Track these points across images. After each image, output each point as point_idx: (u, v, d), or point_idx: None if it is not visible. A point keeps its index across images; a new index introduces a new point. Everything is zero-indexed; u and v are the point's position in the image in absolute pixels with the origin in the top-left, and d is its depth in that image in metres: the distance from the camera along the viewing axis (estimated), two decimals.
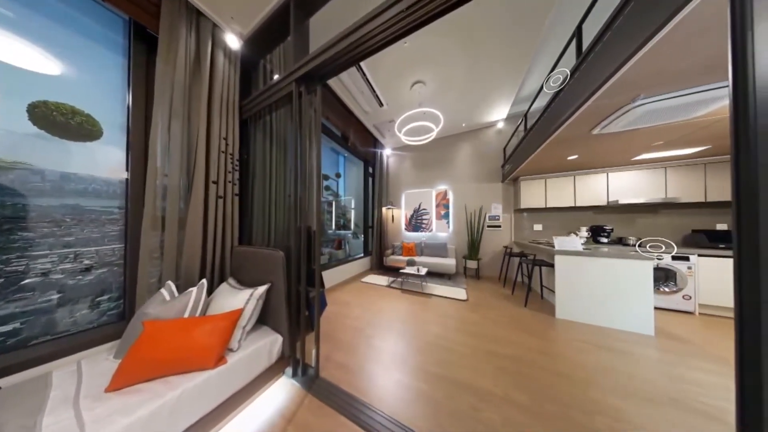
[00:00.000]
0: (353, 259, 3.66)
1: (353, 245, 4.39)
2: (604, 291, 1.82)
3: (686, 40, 0.91)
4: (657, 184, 2.52)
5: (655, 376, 1.23)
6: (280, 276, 1.14)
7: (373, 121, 3.57)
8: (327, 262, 3.25)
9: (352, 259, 3.66)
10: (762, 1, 0.39)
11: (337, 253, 3.79)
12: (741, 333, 0.41)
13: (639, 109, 1.39)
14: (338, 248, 3.88)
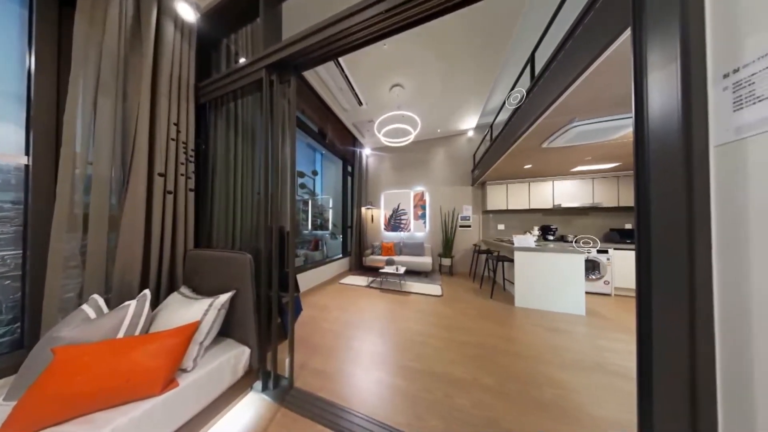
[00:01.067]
0: (331, 260, 3.54)
1: (331, 246, 4.23)
2: (550, 281, 2.15)
3: (606, 79, 1.16)
4: (587, 192, 3.14)
5: (586, 347, 1.51)
6: (247, 281, 1.02)
7: (352, 119, 3.50)
8: (302, 264, 3.06)
9: (330, 260, 3.53)
10: (653, 55, 0.51)
11: (313, 254, 3.61)
12: (639, 308, 0.52)
13: (574, 130, 1.70)
14: (315, 249, 3.69)
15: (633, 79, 0.55)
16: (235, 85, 1.24)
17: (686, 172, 0.45)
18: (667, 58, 0.48)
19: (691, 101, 0.45)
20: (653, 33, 0.52)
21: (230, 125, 1.41)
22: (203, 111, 1.40)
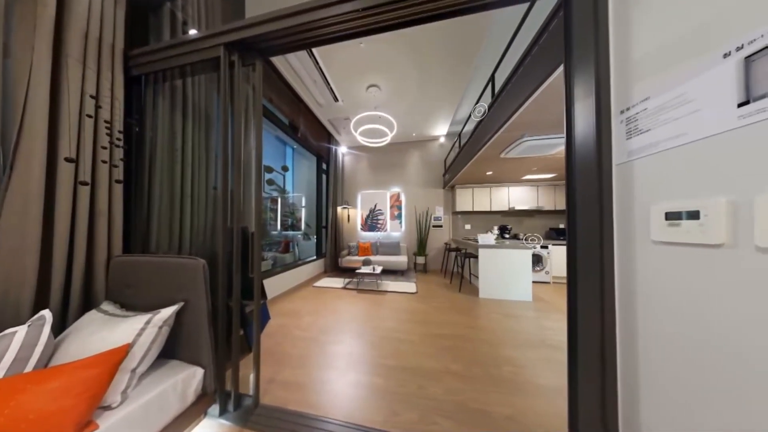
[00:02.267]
0: (304, 262, 3.32)
1: (304, 247, 3.98)
2: (506, 273, 2.47)
3: (547, 104, 1.39)
4: (533, 196, 3.77)
5: (533, 328, 1.78)
6: (199, 291, 0.88)
7: (327, 115, 3.37)
8: (271, 268, 2.80)
9: (303, 262, 3.31)
10: (578, 89, 0.64)
11: (284, 257, 3.34)
12: (569, 292, 0.65)
13: (525, 144, 2.00)
14: (285, 251, 3.42)
15: (565, 106, 0.68)
16: (184, 59, 1.05)
17: (598, 184, 0.58)
18: (587, 92, 0.61)
19: (601, 129, 0.58)
20: (578, 71, 0.64)
21: (177, 107, 1.19)
22: (137, 85, 1.15)
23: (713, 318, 0.39)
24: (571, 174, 0.65)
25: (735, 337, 0.36)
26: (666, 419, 0.46)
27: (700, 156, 0.41)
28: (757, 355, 0.34)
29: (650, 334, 0.48)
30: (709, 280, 0.39)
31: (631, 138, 0.52)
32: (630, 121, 0.52)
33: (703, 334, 0.40)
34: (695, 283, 0.41)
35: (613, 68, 0.56)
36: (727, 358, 0.37)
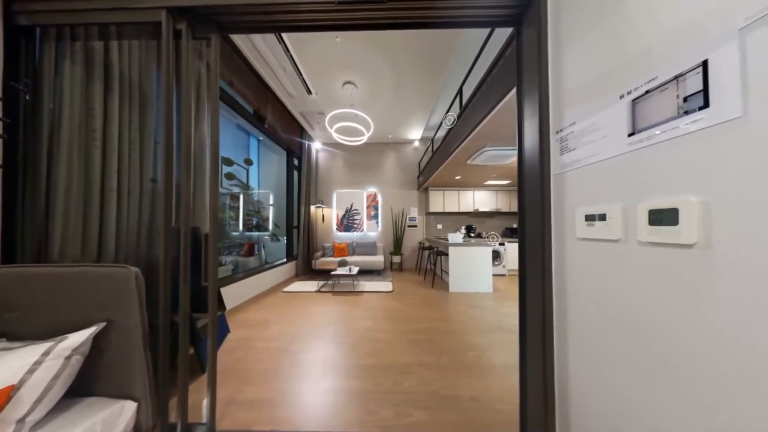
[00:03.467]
0: (272, 266, 3.05)
1: (272, 249, 3.64)
2: (472, 268, 2.74)
3: (504, 119, 1.59)
4: (493, 199, 4.30)
5: (492, 316, 2.02)
6: (130, 306, 0.73)
7: (299, 107, 3.16)
8: (231, 274, 2.48)
9: (271, 266, 3.04)
10: (527, 109, 0.75)
11: (247, 260, 3.00)
12: (520, 282, 0.76)
13: (487, 153, 2.25)
14: (249, 254, 3.08)
15: (517, 123, 0.79)
16: (105, 17, 0.83)
17: (541, 190, 0.69)
18: (533, 112, 0.72)
19: (543, 144, 0.69)
20: (526, 94, 0.76)
21: (95, 76, 0.91)
22: (28, 40, 0.87)
23: (614, 291, 0.51)
24: (522, 181, 0.77)
25: (624, 302, 0.48)
26: (586, 374, 0.58)
27: (606, 171, 0.53)
28: (639, 318, 0.46)
29: (576, 309, 0.60)
30: (611, 266, 0.51)
31: (564, 154, 0.63)
32: (563, 140, 0.64)
33: (609, 305, 0.52)
34: (603, 269, 0.53)
35: (551, 95, 0.68)
36: (622, 323, 0.49)
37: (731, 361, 0.34)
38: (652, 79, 0.44)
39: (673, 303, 0.41)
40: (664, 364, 0.42)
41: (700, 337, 0.37)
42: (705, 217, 0.37)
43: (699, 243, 0.37)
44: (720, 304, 0.35)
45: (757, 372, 0.32)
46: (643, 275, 0.45)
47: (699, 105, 0.37)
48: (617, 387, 0.50)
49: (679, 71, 0.40)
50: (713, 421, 0.36)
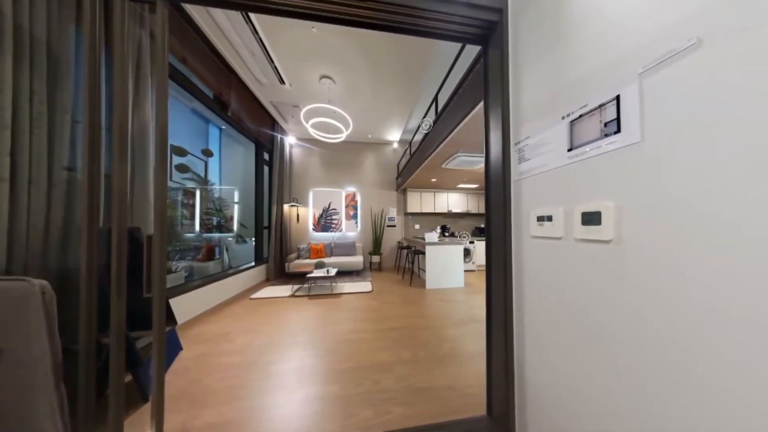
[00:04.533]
0: (237, 270, 2.74)
1: (237, 252, 3.28)
2: (446, 265, 2.92)
3: (473, 129, 1.74)
4: (465, 201, 4.67)
5: (464, 309, 2.19)
6: (29, 332, 0.57)
7: (271, 97, 2.91)
8: (184, 282, 2.15)
9: (237, 270, 2.73)
10: (492, 121, 0.84)
11: (205, 266, 2.64)
12: (487, 276, 0.85)
13: (459, 158, 2.43)
14: (208, 259, 2.71)
15: (484, 133, 0.87)
16: None
17: (503, 194, 0.78)
18: (497, 125, 0.81)
19: (505, 154, 0.78)
20: (492, 108, 0.84)
21: None
22: None
23: (558, 281, 0.60)
24: (488, 185, 0.85)
25: (565, 290, 0.58)
26: (539, 353, 0.67)
27: (552, 179, 0.62)
28: (575, 301, 0.55)
29: (530, 298, 0.70)
30: (556, 259, 0.61)
31: (521, 163, 0.73)
32: (520, 151, 0.73)
33: (554, 292, 0.61)
34: (550, 262, 0.63)
35: (512, 111, 0.78)
36: (564, 306, 0.58)
37: (636, 329, 0.44)
38: (584, 106, 0.53)
39: (598, 287, 0.50)
40: (592, 338, 0.52)
41: (615, 312, 0.47)
42: (618, 218, 0.47)
43: (614, 239, 0.47)
44: (626, 285, 0.45)
45: (653, 338, 0.42)
46: (578, 266, 0.55)
47: (614, 130, 0.47)
48: (561, 363, 0.59)
49: (602, 101, 0.50)
50: (629, 383, 0.46)
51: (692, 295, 0.37)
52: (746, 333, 0.32)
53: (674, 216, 0.39)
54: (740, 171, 0.32)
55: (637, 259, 0.44)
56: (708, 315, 0.35)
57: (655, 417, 0.41)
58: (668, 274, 0.39)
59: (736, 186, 0.33)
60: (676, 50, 0.38)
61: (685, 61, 0.38)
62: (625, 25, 0.46)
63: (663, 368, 0.40)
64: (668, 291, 0.39)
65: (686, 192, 0.37)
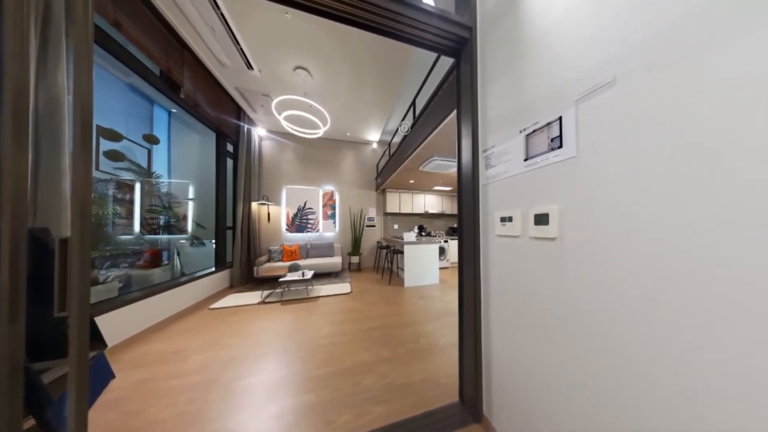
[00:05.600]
0: (193, 278, 2.39)
1: (193, 257, 2.82)
2: (423, 263, 3.05)
3: (447, 135, 1.85)
4: (440, 203, 4.93)
5: (439, 304, 2.32)
6: None
7: (236, 82, 2.61)
8: (117, 295, 1.77)
9: (192, 278, 2.38)
10: (464, 129, 0.91)
11: (149, 273, 2.22)
12: (459, 273, 0.92)
13: (435, 161, 2.56)
14: (153, 265, 2.28)
15: (457, 140, 0.94)
16: None
17: (473, 197, 0.85)
18: (468, 133, 0.88)
19: (475, 160, 0.86)
20: (463, 117, 0.91)
21: None
22: None
23: (517, 274, 0.69)
24: (460, 188, 0.92)
25: (522, 281, 0.66)
26: (502, 339, 0.76)
27: (513, 185, 0.71)
28: (529, 290, 0.64)
29: (495, 289, 0.78)
30: (515, 255, 0.69)
31: (488, 169, 0.81)
32: (487, 158, 0.81)
33: (513, 283, 0.70)
34: (510, 257, 0.71)
35: (480, 121, 0.86)
36: (522, 295, 0.67)
37: (573, 312, 0.53)
38: (536, 122, 0.62)
39: (545, 276, 0.59)
40: (541, 322, 0.61)
41: (557, 298, 0.56)
42: (561, 220, 0.56)
43: (558, 237, 0.56)
44: (566, 275, 0.54)
45: (585, 318, 0.51)
46: (531, 260, 0.64)
47: (558, 145, 0.56)
48: (520, 346, 0.68)
49: (549, 120, 0.58)
50: (568, 357, 0.55)
51: (614, 282, 0.46)
52: (652, 310, 0.41)
53: (602, 217, 0.48)
54: (651, 180, 0.42)
55: (574, 253, 0.53)
56: (625, 298, 0.44)
57: (587, 385, 0.50)
58: (596, 265, 0.49)
59: (648, 193, 0.42)
60: (598, 84, 0.48)
61: (605, 94, 0.47)
62: (566, 59, 0.55)
63: (592, 342, 0.49)
64: (596, 278, 0.49)
65: (611, 198, 0.47)
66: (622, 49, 0.44)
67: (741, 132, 0.31)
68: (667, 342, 0.38)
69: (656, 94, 0.40)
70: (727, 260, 0.32)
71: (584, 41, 0.51)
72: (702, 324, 0.35)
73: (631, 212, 0.43)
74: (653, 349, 0.40)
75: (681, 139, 0.37)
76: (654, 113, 0.40)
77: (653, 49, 0.40)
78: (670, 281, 0.38)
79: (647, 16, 0.41)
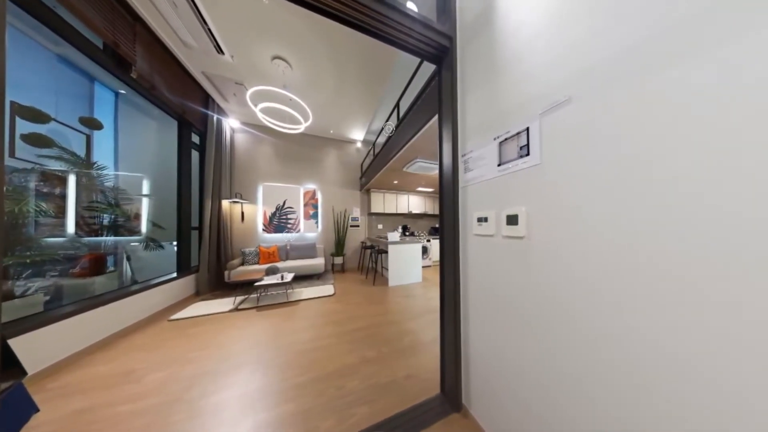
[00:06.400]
0: (147, 286, 2.09)
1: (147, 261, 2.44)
2: (407, 263, 3.12)
3: (429, 138, 1.92)
4: (423, 203, 5.08)
5: (422, 302, 2.39)
6: None
7: (204, 66, 2.36)
8: (43, 310, 1.46)
9: (146, 286, 2.08)
10: (444, 134, 0.96)
11: (88, 283, 1.86)
12: (441, 270, 0.96)
13: (418, 163, 2.64)
14: (94, 272, 1.90)
15: (438, 144, 0.99)
16: None
17: (453, 198, 0.90)
18: (449, 137, 0.93)
19: (455, 163, 0.90)
20: (444, 123, 0.96)
21: None
22: None
23: (491, 270, 0.74)
24: (441, 190, 0.96)
25: (495, 276, 0.72)
26: (478, 332, 0.81)
27: (488, 188, 0.76)
28: (502, 285, 0.70)
29: (473, 285, 0.84)
30: (489, 252, 0.75)
31: (467, 173, 0.86)
32: (466, 162, 0.86)
33: (488, 278, 0.75)
34: (485, 255, 0.77)
35: (460, 127, 0.91)
36: (496, 290, 0.73)
37: (539, 303, 0.59)
38: (508, 131, 0.68)
39: (516, 272, 0.65)
40: (512, 314, 0.67)
41: (525, 291, 0.62)
42: (528, 220, 0.62)
43: (526, 236, 0.62)
44: (533, 270, 0.61)
45: (549, 308, 0.57)
46: (503, 257, 0.70)
47: (526, 153, 0.62)
48: (495, 337, 0.74)
49: (518, 130, 0.64)
50: (535, 344, 0.61)
51: (574, 277, 0.53)
52: (606, 302, 0.48)
53: (563, 219, 0.55)
54: (602, 186, 0.48)
55: (540, 251, 0.59)
56: (584, 291, 0.51)
57: (553, 370, 0.57)
58: (559, 261, 0.55)
59: (601, 198, 0.49)
60: (557, 102, 0.54)
61: (563, 110, 0.54)
62: (533, 76, 0.61)
63: (556, 332, 0.56)
64: (558, 273, 0.55)
65: (570, 201, 0.53)
66: (576, 72, 0.51)
67: (674, 147, 0.38)
68: (620, 329, 0.45)
69: (604, 112, 0.47)
70: (666, 259, 0.39)
71: (547, 63, 0.57)
72: (642, 308, 0.42)
73: (588, 215, 0.49)
74: (608, 337, 0.47)
75: (624, 151, 0.44)
76: (602, 128, 0.47)
77: (601, 74, 0.47)
78: (620, 276, 0.45)
79: (596, 46, 0.48)
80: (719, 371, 0.33)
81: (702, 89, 0.34)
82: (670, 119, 0.37)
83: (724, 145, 0.33)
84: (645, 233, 0.40)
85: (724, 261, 0.32)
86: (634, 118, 0.42)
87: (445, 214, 0.93)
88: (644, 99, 0.40)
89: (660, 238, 0.39)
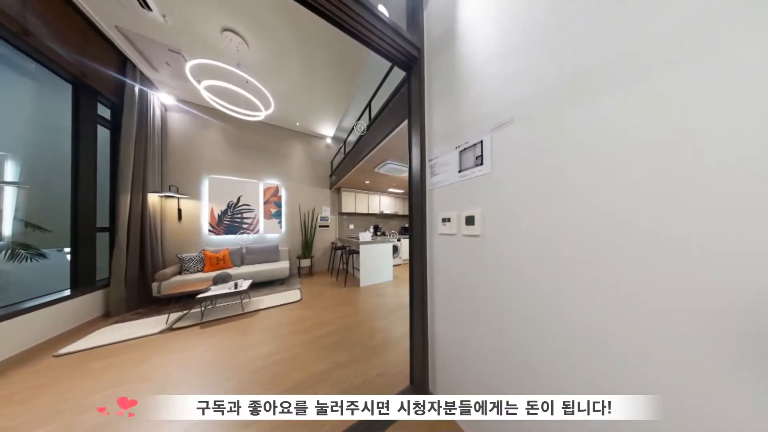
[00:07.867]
0: (17, 311, 1.49)
1: (16, 277, 1.72)
2: (378, 262, 3.17)
3: (400, 141, 1.99)
4: (393, 204, 5.26)
5: (393, 299, 2.46)
6: None
7: (118, 20, 1.83)
8: None
9: (14, 312, 1.49)
10: (414, 138, 1.01)
11: None
12: (410, 268, 1.02)
13: (389, 165, 2.71)
14: None
15: (408, 147, 1.03)
16: None
17: (422, 200, 0.96)
18: (417, 142, 0.98)
19: (423, 167, 0.96)
20: (414, 127, 1.01)
21: None
22: None
23: (453, 266, 0.83)
24: (411, 192, 1.01)
25: (456, 272, 0.81)
26: (443, 324, 0.89)
27: (450, 191, 0.84)
28: (461, 279, 0.78)
29: (438, 281, 0.91)
30: (451, 250, 0.83)
31: (433, 176, 0.93)
32: (432, 166, 0.93)
33: (451, 274, 0.84)
34: (448, 252, 0.85)
35: (427, 133, 0.97)
36: (456, 284, 0.81)
37: (492, 294, 0.69)
38: (466, 142, 0.77)
39: (472, 268, 0.75)
40: (471, 305, 0.76)
41: (480, 285, 0.72)
42: (482, 220, 0.71)
43: (481, 234, 0.72)
44: (486, 266, 0.70)
45: (499, 298, 0.67)
46: (463, 254, 0.78)
47: (480, 162, 0.72)
48: (458, 328, 0.82)
49: (475, 141, 0.74)
50: (488, 329, 0.70)
51: (518, 268, 0.63)
52: (544, 292, 0.59)
53: (508, 219, 0.65)
54: (539, 192, 0.59)
55: (491, 247, 0.69)
56: (525, 281, 0.62)
57: (503, 349, 0.67)
58: (505, 255, 0.65)
59: (539, 202, 0.59)
60: (503, 121, 0.64)
61: (508, 128, 0.64)
62: (486, 96, 0.71)
63: (505, 317, 0.66)
64: (504, 265, 0.65)
65: (514, 204, 0.63)
66: (517, 98, 0.62)
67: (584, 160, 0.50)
68: (554, 313, 0.56)
69: (538, 131, 0.58)
70: (590, 258, 0.51)
71: (496, 87, 0.67)
72: (565, 293, 0.53)
73: (526, 216, 0.60)
74: (545, 318, 0.58)
75: (550, 164, 0.55)
76: (539, 143, 0.58)
77: (537, 101, 0.58)
78: (551, 270, 0.56)
79: (531, 79, 0.59)
80: (616, 337, 0.46)
81: (599, 121, 0.47)
82: (585, 139, 0.49)
83: (607, 164, 0.45)
84: (563, 231, 0.52)
85: (619, 254, 0.45)
86: (559, 137, 0.53)
87: (414, 214, 0.99)
88: (567, 123, 0.52)
89: (573, 236, 0.50)
